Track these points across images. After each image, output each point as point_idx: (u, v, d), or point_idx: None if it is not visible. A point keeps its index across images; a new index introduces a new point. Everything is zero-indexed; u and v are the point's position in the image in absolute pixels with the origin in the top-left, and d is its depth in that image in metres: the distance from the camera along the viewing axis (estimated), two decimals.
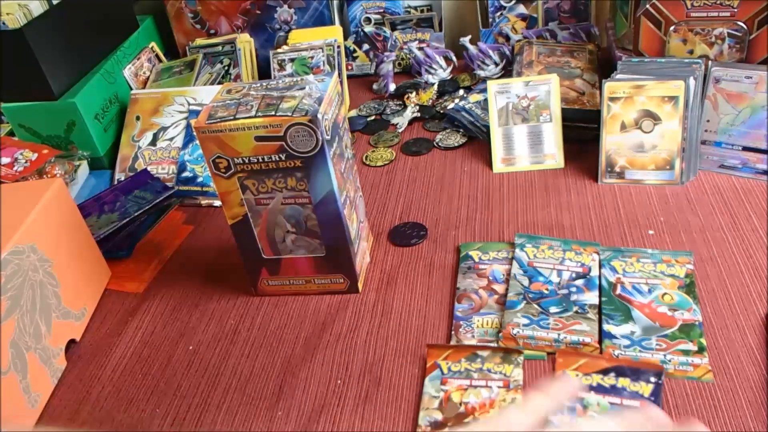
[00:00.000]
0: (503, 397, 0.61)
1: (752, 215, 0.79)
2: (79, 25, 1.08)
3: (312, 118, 0.64)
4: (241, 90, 0.71)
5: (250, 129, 0.65)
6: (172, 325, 0.77)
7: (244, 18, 1.27)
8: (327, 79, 0.71)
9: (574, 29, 1.18)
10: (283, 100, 0.67)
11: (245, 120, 0.65)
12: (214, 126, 0.66)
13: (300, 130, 0.65)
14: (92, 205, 0.95)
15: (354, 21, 1.29)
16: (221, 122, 0.66)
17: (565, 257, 0.74)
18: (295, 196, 0.70)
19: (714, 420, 0.57)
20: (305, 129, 0.65)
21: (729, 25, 0.90)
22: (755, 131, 0.85)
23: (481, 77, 1.15)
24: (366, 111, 1.14)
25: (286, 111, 0.65)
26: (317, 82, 0.70)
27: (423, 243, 0.83)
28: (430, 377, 0.64)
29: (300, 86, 0.70)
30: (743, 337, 0.64)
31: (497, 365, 0.63)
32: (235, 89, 0.71)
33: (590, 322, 0.66)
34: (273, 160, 0.67)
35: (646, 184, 0.87)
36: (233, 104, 0.68)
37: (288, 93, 0.68)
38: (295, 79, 0.71)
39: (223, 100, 0.70)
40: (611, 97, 0.85)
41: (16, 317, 0.65)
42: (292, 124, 0.65)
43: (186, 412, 0.66)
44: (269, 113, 0.65)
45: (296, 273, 0.76)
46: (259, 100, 0.68)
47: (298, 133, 0.65)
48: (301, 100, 0.66)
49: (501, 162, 0.94)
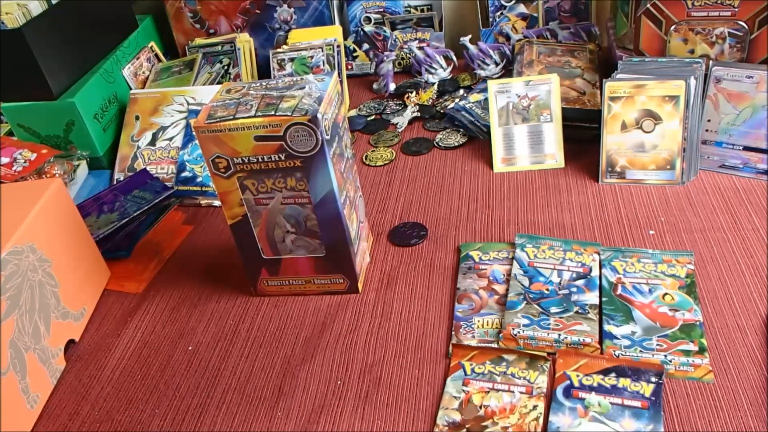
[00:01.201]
0: (524, 403, 0.60)
1: (753, 215, 0.79)
2: (79, 24, 1.08)
3: (312, 118, 0.64)
4: (241, 90, 0.71)
5: (249, 129, 0.65)
6: (172, 325, 0.77)
7: (244, 17, 1.27)
8: (327, 79, 0.70)
9: (575, 29, 1.17)
10: (283, 100, 0.67)
11: (245, 119, 0.65)
12: (214, 126, 0.66)
13: (300, 129, 0.65)
14: (91, 205, 0.95)
15: (354, 20, 1.29)
16: (221, 122, 0.66)
17: (566, 257, 0.74)
18: (295, 196, 0.70)
19: (714, 420, 0.57)
20: (305, 129, 0.64)
21: (730, 24, 0.90)
22: (756, 131, 0.85)
23: (482, 77, 1.15)
24: (366, 111, 1.14)
25: (285, 111, 0.65)
26: (317, 82, 0.70)
27: (423, 243, 0.82)
28: (453, 377, 0.63)
29: (300, 86, 0.69)
30: (744, 337, 0.64)
31: (522, 370, 0.63)
32: (234, 89, 0.71)
33: (591, 323, 0.66)
34: (273, 160, 0.67)
35: (647, 183, 0.87)
36: (233, 104, 0.68)
37: (288, 93, 0.68)
38: (295, 79, 0.71)
39: (223, 100, 0.69)
40: (612, 96, 0.85)
41: (16, 317, 0.65)
42: (292, 124, 0.64)
43: (186, 412, 0.66)
44: (269, 113, 0.65)
45: (296, 273, 0.76)
46: (258, 99, 0.68)
47: (298, 132, 0.65)
48: (301, 100, 0.66)
49: (501, 162, 0.94)
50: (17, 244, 0.67)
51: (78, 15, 1.08)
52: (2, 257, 0.64)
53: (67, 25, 1.05)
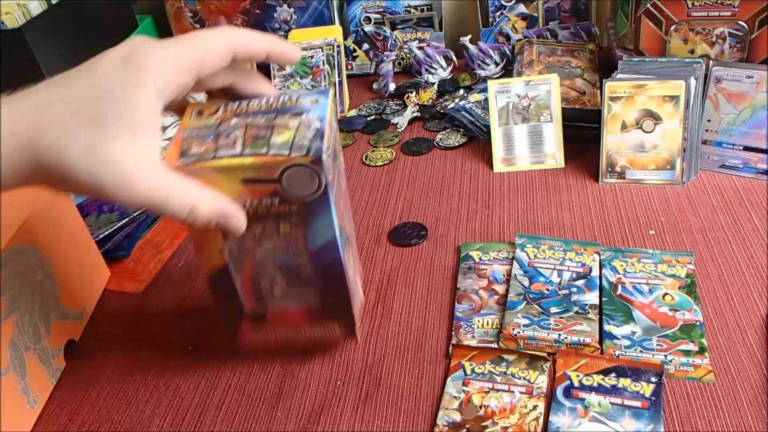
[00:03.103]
0: (524, 403, 0.60)
1: (753, 215, 0.79)
2: (79, 24, 1.08)
3: (315, 159, 0.51)
4: (215, 112, 0.55)
5: (236, 170, 0.51)
6: (172, 325, 0.77)
7: (244, 17, 1.27)
8: (322, 99, 0.55)
9: (575, 29, 1.18)
10: (275, 131, 0.53)
11: (231, 160, 0.51)
12: (191, 167, 0.51)
13: (299, 172, 0.52)
14: (91, 204, 0.95)
15: (354, 20, 1.29)
16: (199, 163, 0.51)
17: (566, 257, 0.74)
18: (289, 244, 0.57)
19: (715, 420, 0.57)
20: (306, 171, 0.51)
21: (730, 24, 0.90)
22: (756, 131, 0.85)
23: (482, 77, 1.15)
24: (366, 111, 1.14)
25: (280, 148, 0.51)
26: (311, 104, 0.55)
27: (423, 243, 0.82)
28: (453, 377, 0.63)
29: (289, 110, 0.55)
30: (744, 338, 0.64)
31: (522, 371, 0.63)
32: (207, 110, 0.56)
33: (591, 323, 0.66)
34: (263, 205, 0.54)
35: (647, 184, 0.87)
36: (210, 135, 0.53)
37: (278, 120, 0.54)
38: (282, 100, 0.56)
39: (196, 127, 0.54)
40: (612, 96, 0.85)
41: (15, 318, 0.65)
42: (290, 166, 0.51)
43: (186, 412, 0.66)
44: (259, 151, 0.51)
45: (285, 323, 0.64)
46: (242, 129, 0.53)
47: (297, 176, 0.52)
48: (297, 132, 0.53)
49: (501, 162, 0.94)
50: (17, 245, 0.67)
51: (78, 15, 1.08)
52: (2, 257, 0.64)
53: (67, 25, 1.05)
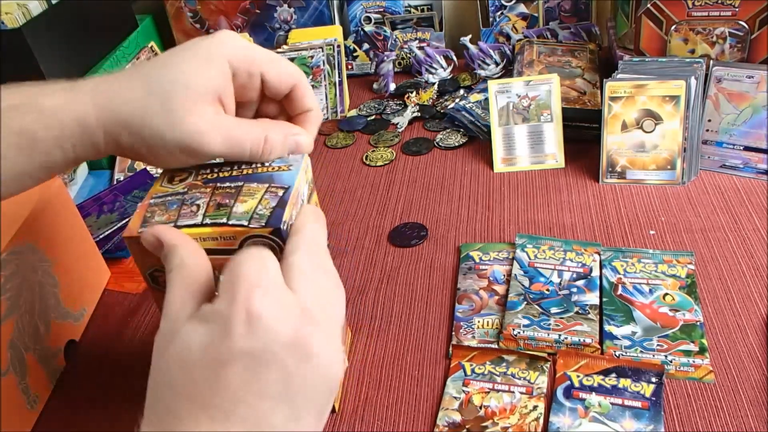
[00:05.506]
0: (525, 403, 0.60)
1: (753, 215, 0.79)
2: (79, 24, 1.08)
3: (274, 230, 0.49)
4: (185, 178, 0.54)
5: (195, 240, 0.49)
6: None
7: (244, 17, 1.27)
8: (295, 166, 0.54)
9: (575, 29, 1.17)
10: (239, 198, 0.51)
11: (189, 230, 0.49)
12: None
13: (258, 243, 0.49)
14: (91, 205, 0.95)
15: (354, 20, 1.29)
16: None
17: (566, 258, 0.74)
18: None
19: (715, 420, 0.57)
20: (266, 243, 0.49)
21: (730, 24, 0.90)
22: (756, 131, 0.85)
23: (482, 77, 1.15)
24: (366, 111, 1.14)
25: (240, 218, 0.50)
26: (283, 169, 0.53)
27: (423, 243, 0.82)
28: (453, 378, 0.63)
29: (259, 177, 0.53)
30: (744, 338, 0.64)
31: (522, 371, 0.63)
32: (178, 176, 0.55)
33: (591, 323, 0.66)
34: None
35: (647, 184, 0.86)
36: (175, 203, 0.52)
37: (245, 188, 0.52)
38: (254, 165, 0.54)
39: (163, 194, 0.53)
40: (612, 96, 0.85)
41: (15, 318, 0.65)
42: (249, 237, 0.49)
43: None
44: (219, 220, 0.50)
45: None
46: (208, 196, 0.52)
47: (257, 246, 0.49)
48: (261, 201, 0.51)
49: (501, 162, 0.94)
50: (17, 245, 0.67)
51: (78, 15, 1.08)
52: (2, 257, 0.64)
53: (67, 25, 1.05)
